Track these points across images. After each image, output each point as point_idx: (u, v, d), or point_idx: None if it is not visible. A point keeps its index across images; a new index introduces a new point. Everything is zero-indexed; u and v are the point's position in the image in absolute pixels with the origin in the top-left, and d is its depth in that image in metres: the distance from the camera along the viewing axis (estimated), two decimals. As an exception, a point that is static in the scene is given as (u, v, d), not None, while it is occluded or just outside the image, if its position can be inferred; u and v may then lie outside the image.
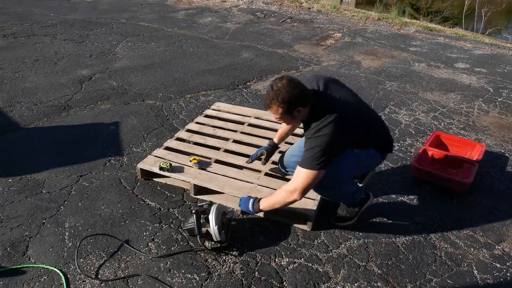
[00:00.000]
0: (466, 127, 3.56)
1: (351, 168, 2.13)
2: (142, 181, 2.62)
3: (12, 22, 6.40)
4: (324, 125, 1.85)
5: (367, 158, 2.14)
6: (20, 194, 2.48)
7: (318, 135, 1.86)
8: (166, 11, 7.63)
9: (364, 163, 2.18)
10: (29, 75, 4.35)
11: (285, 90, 1.81)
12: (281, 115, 1.90)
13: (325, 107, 1.89)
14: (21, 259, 2.01)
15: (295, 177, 1.95)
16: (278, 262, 2.04)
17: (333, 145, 1.87)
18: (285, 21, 7.22)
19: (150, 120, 3.46)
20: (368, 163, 2.22)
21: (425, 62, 5.24)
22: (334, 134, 1.85)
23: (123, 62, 4.85)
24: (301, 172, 1.91)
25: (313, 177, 1.89)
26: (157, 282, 1.90)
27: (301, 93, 1.86)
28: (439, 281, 1.97)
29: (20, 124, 3.33)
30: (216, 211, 2.05)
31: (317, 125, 1.87)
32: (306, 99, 1.89)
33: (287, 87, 1.82)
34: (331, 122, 1.85)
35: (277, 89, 1.83)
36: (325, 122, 1.85)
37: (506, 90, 4.39)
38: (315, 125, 1.88)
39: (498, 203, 2.56)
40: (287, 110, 1.87)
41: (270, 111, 1.92)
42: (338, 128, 1.85)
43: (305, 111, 1.92)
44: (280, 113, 1.89)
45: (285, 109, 1.86)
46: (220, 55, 5.23)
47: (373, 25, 7.22)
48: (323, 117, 1.86)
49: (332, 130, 1.84)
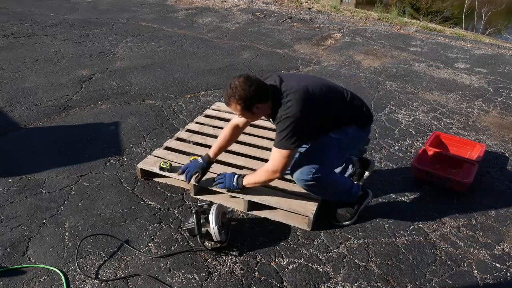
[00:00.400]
0: (466, 127, 3.57)
1: (337, 155, 2.15)
2: (142, 181, 2.62)
3: (12, 22, 6.40)
4: (288, 106, 1.92)
5: (349, 139, 2.15)
6: (20, 194, 2.48)
7: (286, 116, 1.92)
8: (166, 11, 7.63)
9: (349, 145, 2.19)
10: (29, 75, 4.35)
11: (241, 88, 1.90)
12: (241, 111, 1.99)
13: (286, 93, 1.96)
14: (21, 259, 2.01)
15: (272, 158, 2.04)
16: (278, 262, 2.04)
17: (302, 122, 1.93)
18: (285, 21, 7.22)
19: (150, 120, 3.46)
20: (354, 143, 2.23)
21: (425, 62, 5.24)
22: (300, 112, 1.91)
23: (123, 62, 4.85)
24: (277, 153, 2.00)
25: (289, 156, 2.00)
26: (157, 282, 1.90)
27: (258, 90, 1.93)
28: (439, 281, 1.97)
29: (20, 124, 3.33)
30: (216, 211, 2.05)
31: (282, 109, 1.94)
32: (264, 95, 1.96)
33: (243, 85, 1.91)
34: (294, 101, 1.92)
35: (234, 87, 1.92)
36: (289, 104, 1.92)
37: (506, 90, 4.39)
38: (281, 110, 1.95)
39: (498, 203, 2.56)
40: (246, 107, 1.95)
41: (230, 108, 2.00)
42: (302, 104, 1.92)
43: (265, 107, 2.00)
44: (239, 110, 1.98)
45: (243, 106, 1.94)
46: (220, 55, 5.23)
47: (373, 25, 7.22)
48: (286, 101, 1.94)
49: (298, 109, 1.92)
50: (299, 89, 1.96)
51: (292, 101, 1.92)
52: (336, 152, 2.15)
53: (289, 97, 1.93)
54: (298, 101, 1.92)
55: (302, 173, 2.08)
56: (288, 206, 2.24)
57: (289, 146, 1.96)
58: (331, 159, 2.13)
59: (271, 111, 2.02)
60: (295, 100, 1.92)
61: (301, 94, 1.95)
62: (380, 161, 2.97)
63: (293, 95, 1.94)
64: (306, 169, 2.07)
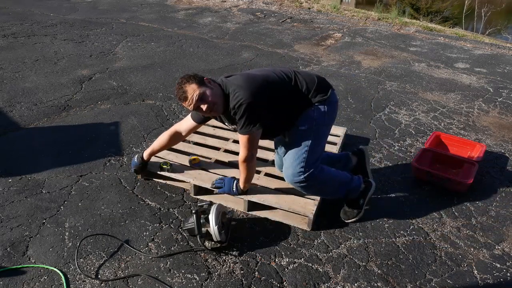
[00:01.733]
0: (466, 127, 3.56)
1: (316, 143, 2.11)
2: (142, 181, 2.62)
3: (12, 22, 6.40)
4: (236, 95, 1.94)
5: (317, 122, 2.11)
6: (20, 194, 2.48)
7: (239, 104, 1.93)
8: (166, 11, 7.63)
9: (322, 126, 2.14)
10: (29, 75, 4.35)
11: (184, 76, 2.00)
12: (199, 89, 1.94)
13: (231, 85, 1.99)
14: (21, 259, 2.01)
15: (242, 146, 2.05)
16: (278, 262, 2.04)
17: (256, 104, 1.94)
18: (285, 21, 7.22)
19: (150, 120, 3.46)
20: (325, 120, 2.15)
21: (425, 62, 5.24)
22: (250, 95, 1.92)
23: (123, 62, 4.85)
24: (244, 139, 2.02)
25: (255, 137, 2.03)
26: (157, 282, 1.90)
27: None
28: (439, 281, 1.97)
29: (20, 124, 3.33)
30: (216, 211, 2.05)
31: (232, 99, 1.96)
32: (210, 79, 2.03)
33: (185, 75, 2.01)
34: (240, 88, 1.95)
35: (180, 80, 2.00)
36: (236, 92, 1.95)
37: (506, 90, 4.39)
38: (231, 101, 1.96)
39: (498, 203, 2.56)
40: (199, 81, 1.97)
41: (189, 96, 1.95)
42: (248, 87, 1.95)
43: (216, 87, 1.99)
44: (197, 88, 1.94)
45: (195, 81, 1.96)
46: (220, 55, 5.23)
47: (373, 25, 7.22)
48: (232, 90, 1.97)
49: (246, 92, 1.92)
50: (241, 78, 2.02)
51: (239, 88, 1.95)
52: (313, 141, 2.11)
53: (234, 86, 1.97)
54: (243, 87, 1.95)
55: (293, 175, 2.11)
56: (288, 206, 2.24)
57: (251, 130, 1.98)
58: (312, 149, 2.10)
59: (224, 107, 2.01)
60: (239, 87, 1.95)
61: (244, 80, 1.99)
62: (380, 161, 2.97)
63: (237, 85, 1.97)
64: (294, 170, 2.09)
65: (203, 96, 1.96)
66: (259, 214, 2.34)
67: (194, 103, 1.96)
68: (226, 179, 2.33)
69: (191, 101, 1.96)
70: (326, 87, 2.17)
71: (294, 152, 2.12)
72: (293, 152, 2.13)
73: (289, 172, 2.13)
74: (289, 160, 2.13)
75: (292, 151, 2.13)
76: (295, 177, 2.11)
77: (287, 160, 2.15)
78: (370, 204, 2.42)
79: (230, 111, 1.99)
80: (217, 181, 2.35)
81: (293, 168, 2.10)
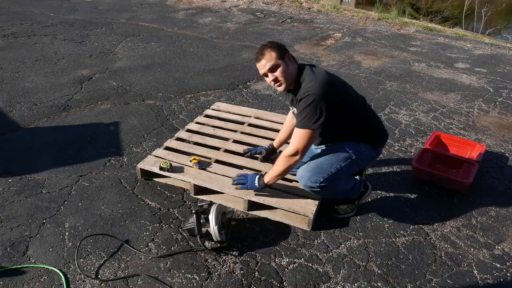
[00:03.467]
0: (466, 127, 3.56)
1: (346, 169, 2.15)
2: (142, 181, 2.62)
3: (12, 22, 6.40)
4: (311, 84, 1.95)
5: (360, 156, 2.16)
6: (20, 194, 2.48)
7: (308, 93, 1.93)
8: (166, 11, 7.63)
9: (359, 161, 2.19)
10: (29, 75, 4.35)
11: (272, 41, 2.04)
12: (275, 60, 1.98)
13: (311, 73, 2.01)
14: (21, 259, 2.01)
15: (294, 140, 2.03)
16: (278, 262, 2.04)
17: (324, 101, 1.94)
18: (285, 21, 7.22)
19: (150, 120, 3.46)
20: (364, 160, 2.24)
21: (425, 62, 5.24)
22: (322, 90, 1.93)
23: (123, 62, 4.85)
24: (300, 133, 2.00)
25: (311, 135, 2.00)
26: (157, 282, 1.90)
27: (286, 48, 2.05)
28: (439, 281, 1.97)
29: (20, 124, 3.33)
30: (216, 211, 2.05)
31: (304, 85, 1.97)
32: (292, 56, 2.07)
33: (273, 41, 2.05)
34: (317, 81, 1.96)
35: (266, 43, 2.03)
36: (312, 82, 1.96)
37: (506, 90, 4.39)
38: (303, 86, 1.98)
39: (498, 203, 2.56)
40: (280, 54, 1.99)
41: (264, 61, 2.01)
42: (325, 84, 1.96)
43: (294, 68, 2.03)
44: (274, 58, 1.99)
45: (277, 51, 1.98)
46: (220, 55, 5.23)
47: (373, 25, 7.21)
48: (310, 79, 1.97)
49: (320, 87, 1.93)
50: (324, 73, 2.02)
51: (315, 81, 1.96)
52: (346, 166, 2.13)
53: (313, 77, 1.98)
54: (321, 82, 1.96)
55: (310, 180, 2.09)
56: (288, 206, 2.24)
57: (311, 125, 1.96)
58: (340, 171, 2.11)
59: (294, 84, 2.04)
60: (318, 80, 1.96)
61: (325, 77, 1.99)
62: (380, 161, 2.97)
63: (317, 76, 1.98)
64: (314, 178, 2.08)
65: (274, 68, 2.00)
66: (259, 214, 2.34)
67: (265, 69, 2.02)
68: (248, 175, 2.27)
69: (262, 66, 2.02)
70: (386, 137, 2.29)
71: (324, 162, 2.11)
72: (323, 161, 2.11)
73: (307, 175, 2.10)
74: (314, 165, 2.11)
75: (323, 160, 2.12)
76: (311, 182, 2.09)
77: (313, 164, 2.13)
78: (364, 212, 2.43)
79: (298, 94, 2.00)
80: (238, 178, 2.29)
81: (314, 174, 2.08)
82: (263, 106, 3.77)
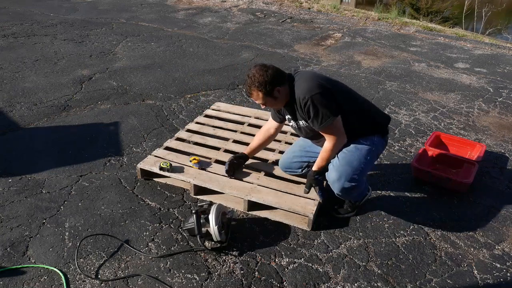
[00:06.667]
0: (466, 127, 3.56)
1: (370, 161, 2.17)
2: (142, 181, 2.62)
3: (12, 22, 6.40)
4: (301, 87, 1.98)
5: (376, 147, 2.18)
6: (20, 194, 2.48)
7: (305, 99, 1.95)
8: (166, 11, 7.63)
9: (376, 153, 2.22)
10: (29, 75, 4.35)
11: (259, 75, 1.97)
12: (263, 99, 2.02)
13: (296, 76, 2.04)
14: (21, 259, 2.01)
15: (327, 138, 2.06)
16: (278, 262, 2.04)
17: (323, 93, 1.96)
18: (285, 21, 7.22)
19: (150, 120, 3.45)
20: (378, 151, 2.26)
21: (425, 62, 5.24)
22: (315, 86, 1.96)
23: (123, 62, 4.85)
24: (326, 131, 2.03)
25: (337, 125, 2.02)
26: (157, 282, 1.90)
27: (274, 73, 2.00)
28: (439, 281, 1.97)
29: (20, 124, 3.33)
30: (216, 211, 2.05)
31: (296, 90, 2.00)
32: (281, 77, 2.02)
33: (260, 71, 1.98)
34: (303, 79, 2.00)
35: (252, 75, 1.98)
36: (300, 83, 1.99)
37: (506, 90, 4.39)
38: (296, 92, 1.99)
39: (498, 203, 2.56)
40: (267, 92, 1.99)
41: (253, 98, 2.05)
42: (311, 79, 1.99)
43: (285, 90, 2.03)
44: (261, 97, 2.02)
45: (264, 91, 1.99)
46: (220, 55, 5.23)
47: (373, 25, 7.21)
48: (297, 80, 2.01)
49: (310, 84, 1.96)
50: (308, 71, 2.06)
51: (301, 80, 1.99)
52: (370, 159, 2.14)
53: (298, 77, 2.02)
54: (307, 78, 1.99)
55: (346, 179, 2.06)
56: (288, 206, 2.24)
57: (330, 120, 1.97)
58: (367, 165, 2.13)
59: (289, 96, 2.05)
60: (303, 78, 1.99)
61: (309, 73, 2.03)
62: (380, 161, 2.97)
63: (301, 76, 2.03)
64: (350, 176, 2.06)
65: (264, 102, 2.06)
66: (259, 214, 2.34)
67: (256, 102, 2.08)
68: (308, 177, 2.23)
69: (253, 99, 2.08)
70: (389, 121, 2.29)
71: (352, 159, 2.09)
72: (351, 159, 2.09)
73: (344, 175, 2.07)
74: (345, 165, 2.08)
75: (350, 158, 2.10)
76: (346, 182, 2.06)
77: (343, 163, 2.09)
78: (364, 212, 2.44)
79: (296, 102, 2.01)
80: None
81: (351, 173, 2.07)
82: (263, 106, 3.76)
